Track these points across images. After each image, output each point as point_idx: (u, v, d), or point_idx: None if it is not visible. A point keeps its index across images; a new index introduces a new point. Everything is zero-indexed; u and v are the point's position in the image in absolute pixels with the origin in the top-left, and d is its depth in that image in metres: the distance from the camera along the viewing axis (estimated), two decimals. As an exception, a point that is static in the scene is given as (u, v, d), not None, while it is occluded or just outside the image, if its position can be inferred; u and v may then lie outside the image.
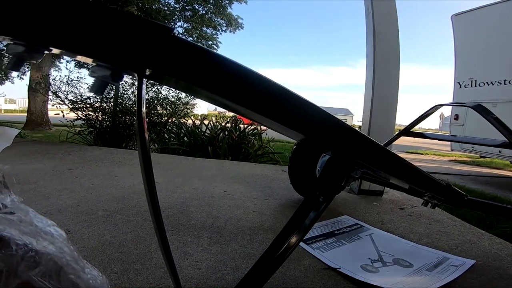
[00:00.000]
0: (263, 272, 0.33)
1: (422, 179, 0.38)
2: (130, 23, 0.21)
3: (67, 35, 0.20)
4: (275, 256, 0.33)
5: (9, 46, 0.21)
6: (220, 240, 0.97)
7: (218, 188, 1.62)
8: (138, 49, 0.21)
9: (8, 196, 0.33)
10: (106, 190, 1.44)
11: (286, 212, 1.32)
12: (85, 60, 0.23)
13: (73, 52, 0.21)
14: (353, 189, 1.75)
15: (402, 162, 0.33)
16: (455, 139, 1.25)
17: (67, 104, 4.05)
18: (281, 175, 2.10)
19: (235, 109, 0.26)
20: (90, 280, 0.33)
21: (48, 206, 1.16)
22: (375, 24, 1.65)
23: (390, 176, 0.33)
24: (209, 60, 0.22)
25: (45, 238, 0.30)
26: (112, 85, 0.24)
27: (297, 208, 0.36)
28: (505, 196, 2.79)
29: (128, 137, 3.99)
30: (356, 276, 0.79)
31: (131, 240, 0.92)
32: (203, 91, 0.23)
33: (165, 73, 0.22)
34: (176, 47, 0.21)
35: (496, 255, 1.00)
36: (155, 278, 0.73)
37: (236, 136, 3.50)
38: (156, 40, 0.21)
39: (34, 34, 0.20)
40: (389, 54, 1.66)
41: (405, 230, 1.18)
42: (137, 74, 0.23)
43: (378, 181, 1.10)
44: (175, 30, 0.21)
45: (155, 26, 0.21)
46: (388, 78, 1.65)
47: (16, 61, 0.22)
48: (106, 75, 0.22)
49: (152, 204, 0.27)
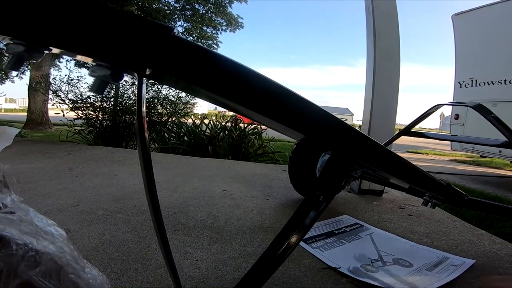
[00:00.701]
0: (263, 271, 0.33)
1: (422, 178, 0.38)
2: (130, 23, 0.21)
3: (67, 34, 0.20)
4: (275, 256, 0.33)
5: (9, 45, 0.21)
6: (220, 239, 0.97)
7: (218, 188, 1.62)
8: (138, 48, 0.21)
9: (8, 195, 0.33)
10: (106, 189, 1.44)
11: (286, 211, 1.32)
12: (85, 59, 0.23)
13: (73, 52, 0.21)
14: (353, 189, 1.75)
15: (402, 162, 0.33)
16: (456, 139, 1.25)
17: (67, 104, 4.06)
18: (281, 175, 2.10)
19: (235, 108, 0.26)
20: (90, 279, 0.33)
21: (48, 205, 1.16)
22: (375, 23, 1.64)
23: (390, 175, 0.33)
24: (209, 59, 0.22)
25: (45, 238, 0.30)
26: (112, 84, 0.24)
27: (297, 207, 0.36)
28: (505, 195, 2.79)
29: (128, 136, 3.99)
30: (356, 275, 0.79)
31: (131, 240, 0.92)
32: (203, 90, 0.23)
33: (165, 73, 0.22)
34: (176, 46, 0.21)
35: (496, 255, 1.00)
36: (155, 277, 0.73)
37: (236, 136, 3.50)
38: (156, 40, 0.21)
39: (34, 33, 0.20)
40: (390, 54, 1.66)
41: (405, 230, 1.18)
42: (137, 74, 0.23)
43: (378, 180, 1.10)
44: (175, 30, 0.21)
45: (155, 25, 0.21)
46: (388, 77, 1.65)
47: (16, 60, 0.22)
48: (106, 74, 0.22)
49: (152, 203, 0.27)
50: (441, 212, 1.47)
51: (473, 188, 3.02)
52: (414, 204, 1.57)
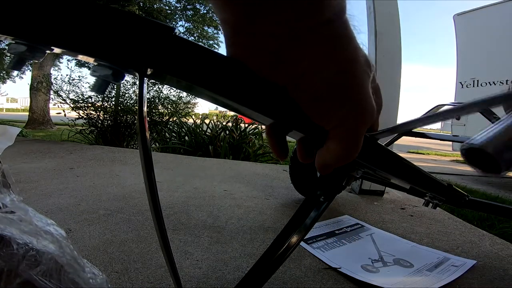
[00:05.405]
0: (263, 271, 0.33)
1: (423, 179, 0.38)
2: (131, 23, 0.21)
3: (69, 34, 0.20)
4: (275, 256, 0.33)
5: (11, 45, 0.21)
6: (220, 239, 0.97)
7: (219, 188, 1.62)
8: (139, 48, 0.21)
9: (7, 195, 0.33)
10: (107, 189, 1.44)
11: (287, 211, 1.32)
12: (87, 59, 0.23)
13: (74, 52, 0.21)
14: (354, 189, 1.75)
15: (403, 162, 0.33)
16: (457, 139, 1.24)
17: (69, 103, 4.07)
18: (281, 175, 2.10)
19: (237, 108, 0.26)
20: (91, 279, 0.33)
21: (49, 205, 1.17)
22: (376, 24, 1.64)
23: (391, 176, 0.33)
24: (210, 59, 0.22)
25: (45, 237, 0.30)
26: (113, 84, 0.24)
27: (298, 207, 0.36)
28: (506, 196, 2.78)
29: (130, 136, 4.00)
30: (357, 276, 0.79)
31: (132, 239, 0.92)
32: (204, 90, 0.23)
33: (166, 72, 0.22)
34: (177, 46, 0.21)
35: (497, 256, 1.00)
36: (156, 277, 0.73)
37: (237, 136, 3.51)
38: (157, 40, 0.21)
39: (36, 33, 0.20)
40: (391, 54, 1.65)
41: (406, 230, 1.18)
42: (138, 74, 0.23)
43: (379, 181, 1.10)
44: (176, 30, 0.21)
45: (156, 25, 0.21)
46: (389, 77, 1.64)
47: (18, 60, 0.22)
48: (107, 74, 0.22)
49: (153, 203, 0.27)
50: (442, 213, 1.47)
51: (474, 189, 3.02)
52: (415, 204, 1.57)
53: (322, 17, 0.20)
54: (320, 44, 0.21)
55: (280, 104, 0.24)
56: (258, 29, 0.21)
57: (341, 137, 0.24)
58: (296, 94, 0.23)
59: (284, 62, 0.22)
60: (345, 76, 0.22)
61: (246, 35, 0.22)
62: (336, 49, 0.22)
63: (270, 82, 0.23)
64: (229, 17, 0.22)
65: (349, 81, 0.22)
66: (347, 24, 0.22)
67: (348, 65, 0.22)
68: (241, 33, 0.22)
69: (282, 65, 0.22)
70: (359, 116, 0.23)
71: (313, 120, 0.24)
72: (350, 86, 0.23)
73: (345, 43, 0.22)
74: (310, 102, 0.23)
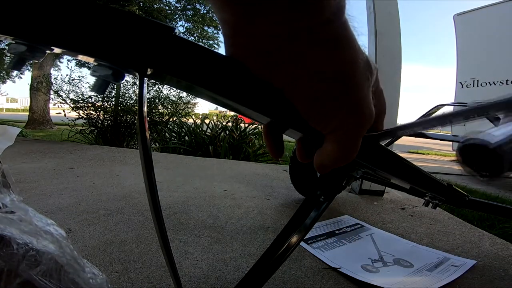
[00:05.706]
0: (263, 271, 0.33)
1: (423, 179, 0.37)
2: (131, 23, 0.21)
3: (69, 34, 0.20)
4: (275, 256, 0.33)
5: (11, 45, 0.21)
6: (220, 239, 0.97)
7: (219, 188, 1.62)
8: (139, 48, 0.21)
9: (7, 195, 0.33)
10: (107, 189, 1.44)
11: (287, 211, 1.32)
12: (87, 59, 0.23)
13: (74, 52, 0.21)
14: (354, 189, 1.75)
15: (403, 162, 0.33)
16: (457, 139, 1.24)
17: (69, 103, 4.07)
18: (281, 175, 2.10)
19: (236, 108, 0.26)
20: (91, 279, 0.33)
21: (49, 205, 1.17)
22: (376, 24, 1.64)
23: (391, 176, 0.33)
24: (210, 59, 0.22)
25: (45, 237, 0.30)
26: (113, 84, 0.24)
27: (298, 207, 0.36)
28: (506, 196, 2.78)
29: (130, 136, 4.00)
30: (357, 276, 0.79)
31: (132, 239, 0.92)
32: (204, 90, 0.23)
33: (166, 72, 0.22)
34: (177, 46, 0.21)
35: (497, 256, 1.00)
36: (156, 277, 0.73)
37: (237, 136, 3.51)
38: (157, 40, 0.21)
39: (36, 33, 0.20)
40: (391, 54, 1.65)
41: (406, 230, 1.18)
42: (138, 74, 0.23)
43: (379, 181, 1.10)
44: (176, 30, 0.21)
45: (156, 25, 0.21)
46: (389, 77, 1.64)
47: (18, 60, 0.22)
48: (107, 74, 0.22)
49: (153, 203, 0.27)
50: (442, 213, 1.47)
51: (474, 189, 3.01)
52: (415, 204, 1.57)
53: (321, 18, 0.20)
54: (319, 44, 0.21)
55: (277, 103, 0.24)
56: (257, 29, 0.21)
57: (339, 139, 0.24)
58: (294, 95, 0.23)
59: (283, 62, 0.22)
60: (343, 78, 0.22)
61: (246, 35, 0.22)
62: (335, 50, 0.21)
63: (268, 82, 0.23)
64: (228, 17, 0.22)
65: (347, 83, 0.22)
66: (346, 25, 0.22)
67: (347, 66, 0.22)
68: (240, 33, 0.22)
69: (281, 65, 0.22)
70: (357, 118, 0.23)
71: (311, 124, 0.24)
72: (348, 88, 0.22)
73: (344, 44, 0.22)
74: (308, 103, 0.23)
